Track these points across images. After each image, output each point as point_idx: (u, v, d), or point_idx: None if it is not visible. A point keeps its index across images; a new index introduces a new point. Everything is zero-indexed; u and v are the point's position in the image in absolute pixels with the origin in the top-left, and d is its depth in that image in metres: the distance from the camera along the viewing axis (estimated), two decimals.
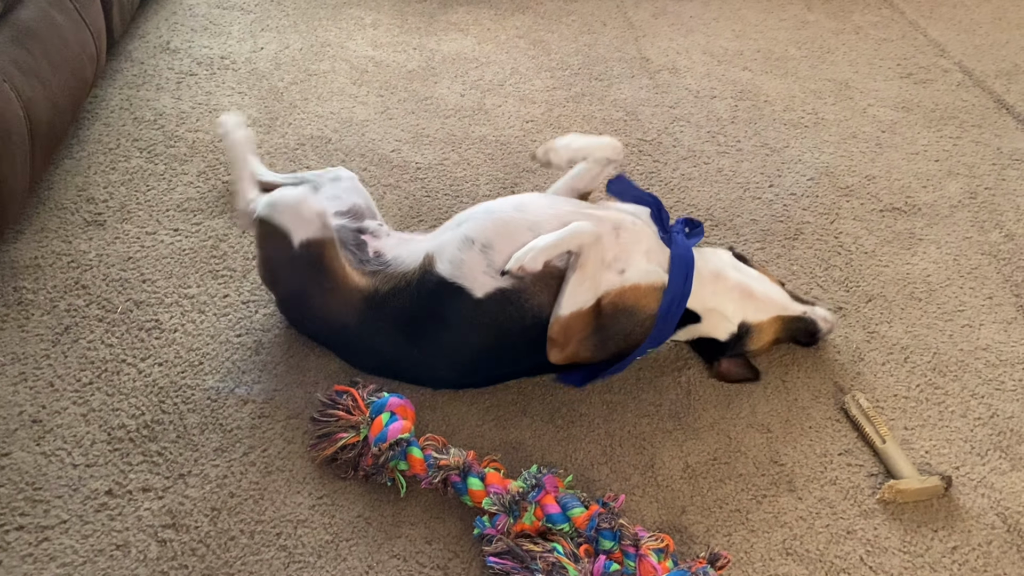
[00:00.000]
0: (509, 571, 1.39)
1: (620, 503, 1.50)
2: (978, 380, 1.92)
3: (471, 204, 2.26)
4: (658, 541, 1.43)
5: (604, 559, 1.40)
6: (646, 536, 1.44)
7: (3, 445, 1.61)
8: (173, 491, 1.56)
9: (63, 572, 1.42)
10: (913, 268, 2.22)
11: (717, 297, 1.75)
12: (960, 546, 1.59)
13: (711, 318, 1.77)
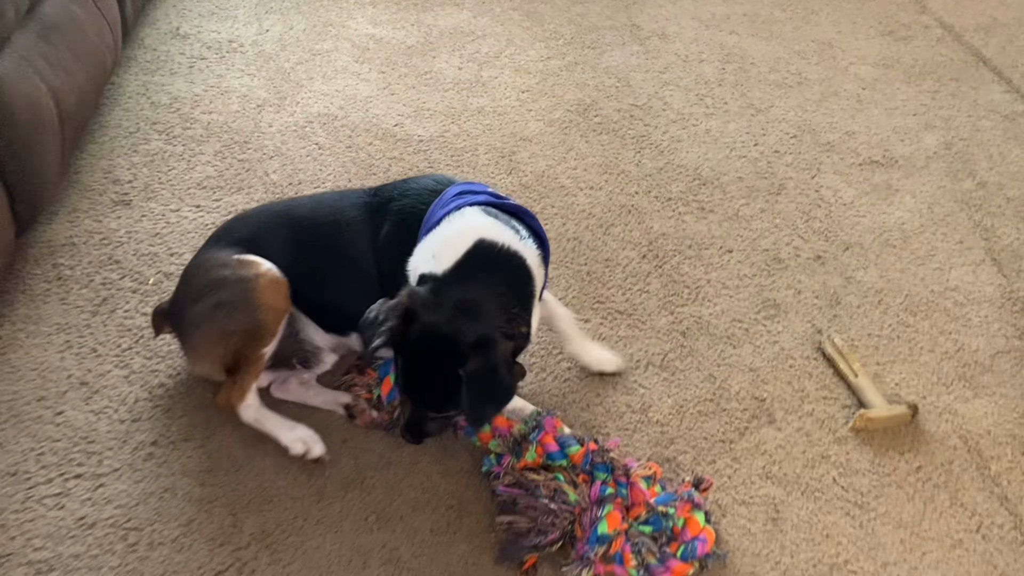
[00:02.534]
0: (516, 497, 1.56)
1: (614, 444, 1.66)
2: (946, 318, 2.07)
3: (472, 174, 2.42)
4: (646, 469, 1.60)
5: (599, 484, 1.56)
6: (636, 466, 1.61)
7: (56, 405, 1.79)
8: (212, 440, 1.73)
9: (120, 512, 1.60)
10: (889, 217, 2.36)
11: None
12: (924, 466, 1.75)
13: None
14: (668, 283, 2.13)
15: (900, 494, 1.70)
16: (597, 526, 1.51)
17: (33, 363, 1.87)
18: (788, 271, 2.18)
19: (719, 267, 2.18)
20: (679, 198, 2.39)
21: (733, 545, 1.61)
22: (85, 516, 1.61)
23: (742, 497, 1.69)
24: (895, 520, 1.66)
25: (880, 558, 1.60)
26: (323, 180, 2.38)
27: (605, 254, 2.21)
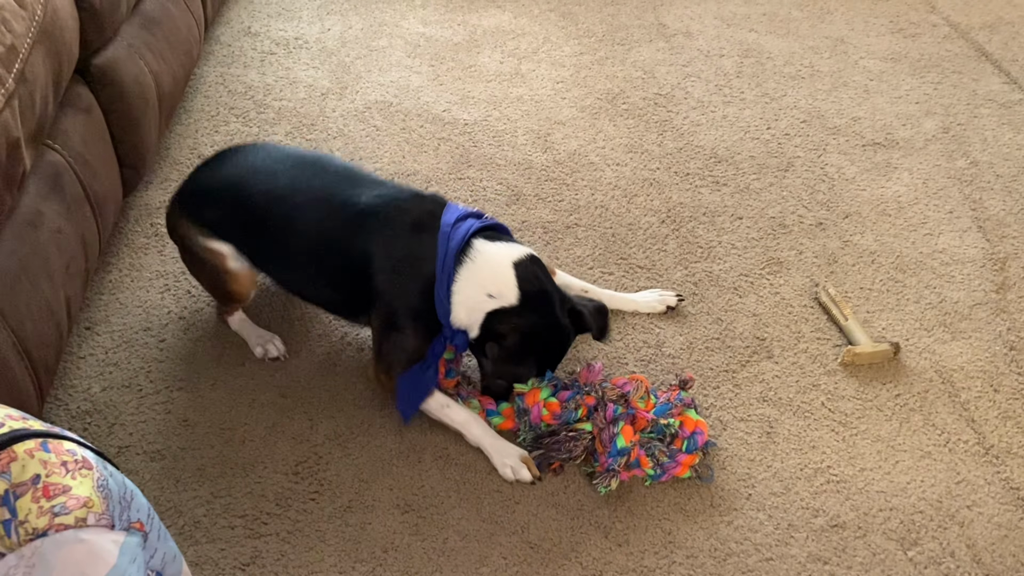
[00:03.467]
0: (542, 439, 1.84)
1: (599, 370, 1.92)
2: (932, 275, 2.33)
3: (512, 152, 2.73)
4: (638, 388, 1.86)
5: (612, 406, 1.82)
6: (628, 387, 1.87)
7: (160, 334, 2.12)
8: (291, 362, 2.05)
9: (216, 416, 1.93)
10: (886, 191, 2.62)
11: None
12: (903, 393, 2.01)
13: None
14: (683, 244, 2.42)
15: (879, 415, 1.97)
16: (616, 441, 1.79)
17: (138, 301, 2.21)
18: (792, 235, 2.45)
19: (730, 231, 2.46)
20: (696, 173, 2.68)
21: (732, 452, 1.89)
22: (188, 419, 1.94)
23: (741, 415, 1.97)
24: (873, 436, 1.92)
25: (859, 464, 1.87)
26: (380, 156, 2.71)
27: (628, 220, 2.50)
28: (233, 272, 1.98)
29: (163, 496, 1.78)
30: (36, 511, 1.02)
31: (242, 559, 1.68)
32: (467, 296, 1.82)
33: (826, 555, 1.70)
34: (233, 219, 1.96)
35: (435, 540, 1.72)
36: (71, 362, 2.05)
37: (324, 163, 2.00)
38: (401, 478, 1.83)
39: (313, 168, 1.97)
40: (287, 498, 1.79)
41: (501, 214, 2.51)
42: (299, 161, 1.99)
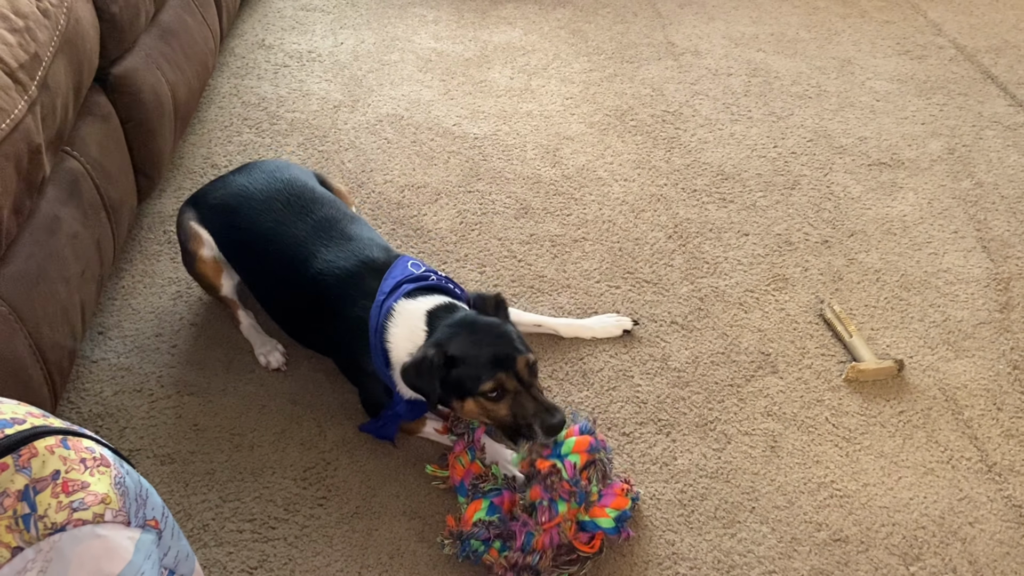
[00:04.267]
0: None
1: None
2: (937, 294, 2.34)
3: (520, 167, 2.76)
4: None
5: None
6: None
7: (171, 340, 2.15)
8: (299, 370, 2.08)
9: (226, 421, 1.96)
10: (892, 210, 2.65)
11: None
12: (906, 410, 2.03)
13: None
14: (690, 259, 2.44)
15: (883, 432, 1.98)
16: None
17: (151, 307, 2.24)
18: (797, 252, 2.47)
19: (736, 247, 2.49)
20: (703, 190, 2.71)
21: (736, 465, 1.91)
22: (198, 423, 1.96)
23: (746, 429, 1.98)
24: (877, 451, 1.94)
25: (862, 480, 1.88)
26: (391, 169, 2.74)
27: (635, 234, 2.53)
28: (203, 256, 2.08)
29: (172, 499, 1.80)
30: (55, 506, 1.04)
31: (250, 563, 1.70)
32: (398, 360, 1.80)
33: (829, 569, 1.71)
34: (224, 235, 2.08)
35: (439, 547, 1.73)
36: (84, 366, 2.07)
37: (311, 206, 2.04)
38: (408, 485, 1.85)
39: (300, 210, 2.03)
40: (295, 503, 1.80)
41: (509, 227, 2.53)
42: (291, 198, 2.05)
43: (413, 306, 1.83)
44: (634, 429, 1.99)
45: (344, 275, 1.91)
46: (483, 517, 1.66)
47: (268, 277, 2.03)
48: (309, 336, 2.06)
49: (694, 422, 2.00)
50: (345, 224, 2.02)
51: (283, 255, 1.97)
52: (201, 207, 2.11)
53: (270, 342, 2.11)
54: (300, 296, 1.96)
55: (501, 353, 1.70)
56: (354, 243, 1.97)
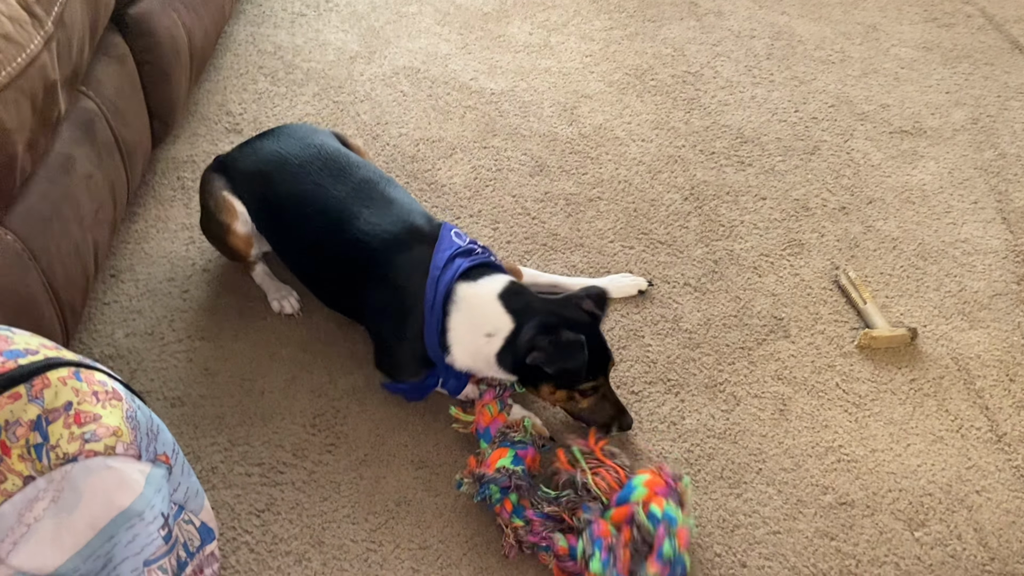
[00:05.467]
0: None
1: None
2: (953, 264, 2.32)
3: (536, 124, 2.73)
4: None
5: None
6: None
7: (183, 284, 2.15)
8: (311, 319, 2.08)
9: (237, 367, 1.96)
10: (912, 179, 2.61)
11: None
12: (918, 378, 2.02)
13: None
14: (705, 221, 2.42)
15: (893, 399, 1.98)
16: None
17: (163, 252, 2.24)
18: (814, 217, 2.45)
19: (752, 211, 2.46)
20: (721, 153, 2.68)
21: (744, 427, 1.91)
22: (209, 368, 1.97)
23: (755, 392, 1.98)
24: (886, 418, 1.93)
25: (870, 445, 1.88)
26: (406, 122, 2.72)
27: (651, 195, 2.50)
28: (236, 231, 2.02)
29: (182, 442, 1.81)
30: (67, 437, 1.04)
31: (257, 506, 1.72)
32: (466, 342, 1.80)
33: (833, 531, 1.72)
34: (257, 205, 2.02)
35: (447, 497, 1.74)
36: (96, 308, 2.08)
37: (348, 169, 1.99)
38: (416, 435, 1.85)
39: (337, 173, 1.97)
40: (304, 449, 1.82)
41: (524, 184, 2.52)
42: (327, 162, 2.00)
43: (479, 289, 1.80)
44: (643, 388, 1.99)
45: (391, 240, 1.86)
46: (507, 465, 1.67)
47: (305, 243, 1.97)
48: (344, 301, 2.01)
49: (703, 383, 2.00)
50: (384, 186, 1.98)
51: (323, 219, 1.92)
52: (233, 175, 2.04)
53: (284, 288, 2.11)
54: (340, 260, 1.91)
55: (602, 354, 1.76)
56: (396, 207, 1.93)
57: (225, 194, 2.01)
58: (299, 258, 2.03)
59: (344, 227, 1.89)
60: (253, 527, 1.69)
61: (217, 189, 2.02)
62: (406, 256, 1.84)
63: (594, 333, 1.76)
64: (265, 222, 2.02)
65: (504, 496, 1.66)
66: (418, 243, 1.86)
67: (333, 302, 2.04)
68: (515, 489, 1.66)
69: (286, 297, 2.09)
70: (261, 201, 2.00)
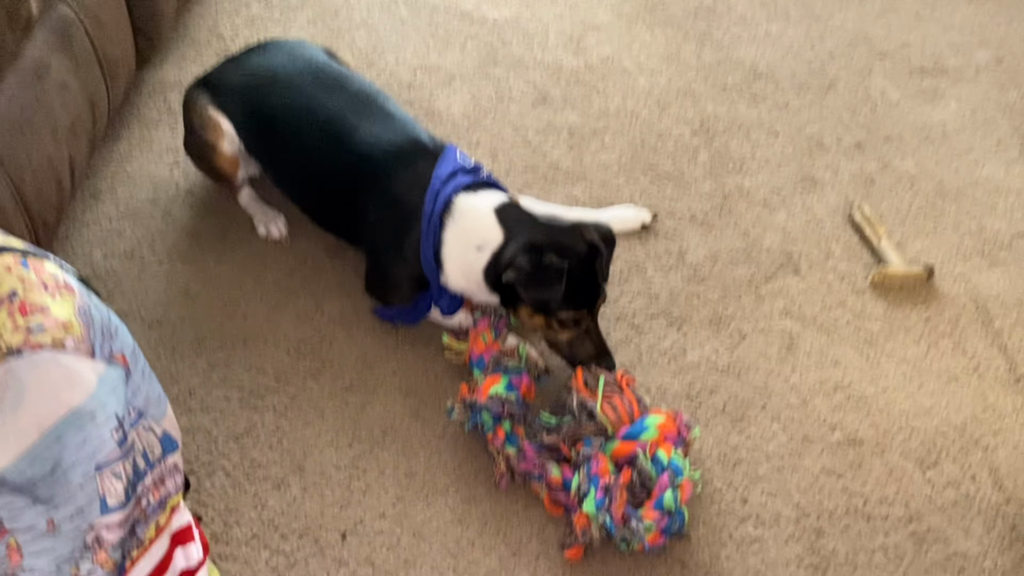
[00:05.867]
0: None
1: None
2: (973, 203, 2.21)
3: (541, 54, 2.61)
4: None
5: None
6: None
7: (166, 207, 2.06)
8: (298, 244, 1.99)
9: (220, 290, 1.87)
10: (931, 118, 2.49)
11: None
12: (933, 317, 1.92)
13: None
14: (715, 156, 2.31)
15: (907, 338, 1.88)
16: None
17: (146, 174, 2.14)
18: (829, 154, 2.34)
19: (764, 146, 2.35)
20: (734, 87, 2.55)
21: (749, 363, 1.82)
22: (190, 290, 1.88)
23: (762, 327, 1.89)
24: (900, 357, 1.84)
25: (881, 384, 1.79)
26: (404, 49, 2.60)
27: (659, 128, 2.39)
28: (223, 151, 1.92)
29: (159, 364, 1.73)
30: (11, 327, 0.96)
31: (236, 430, 1.64)
32: (458, 256, 1.70)
33: (840, 469, 1.64)
34: (247, 121, 1.91)
35: (435, 426, 1.66)
36: (74, 228, 1.99)
37: (343, 82, 1.89)
38: (405, 363, 1.77)
39: (331, 86, 1.87)
40: (287, 374, 1.73)
41: (526, 115, 2.40)
42: (319, 75, 1.89)
43: (476, 201, 1.71)
44: (644, 322, 1.89)
45: (394, 151, 1.77)
46: (500, 391, 1.58)
47: (299, 158, 1.87)
48: (339, 219, 1.90)
49: (707, 318, 1.91)
50: (382, 101, 1.88)
51: (319, 132, 1.82)
52: (219, 91, 1.93)
53: (271, 212, 2.02)
54: (337, 174, 1.81)
55: (591, 287, 1.64)
56: (397, 121, 1.84)
57: (211, 111, 1.90)
58: (292, 175, 1.92)
59: (342, 139, 1.79)
60: (230, 451, 1.61)
61: (202, 106, 1.92)
62: (409, 170, 1.74)
63: (587, 266, 1.63)
64: (255, 139, 1.91)
65: (497, 424, 1.58)
66: (421, 157, 1.76)
67: (327, 221, 1.93)
68: (508, 416, 1.58)
69: (273, 221, 2.00)
70: (250, 117, 1.90)
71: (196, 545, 1.15)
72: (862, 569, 1.50)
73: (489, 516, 1.55)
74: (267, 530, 1.51)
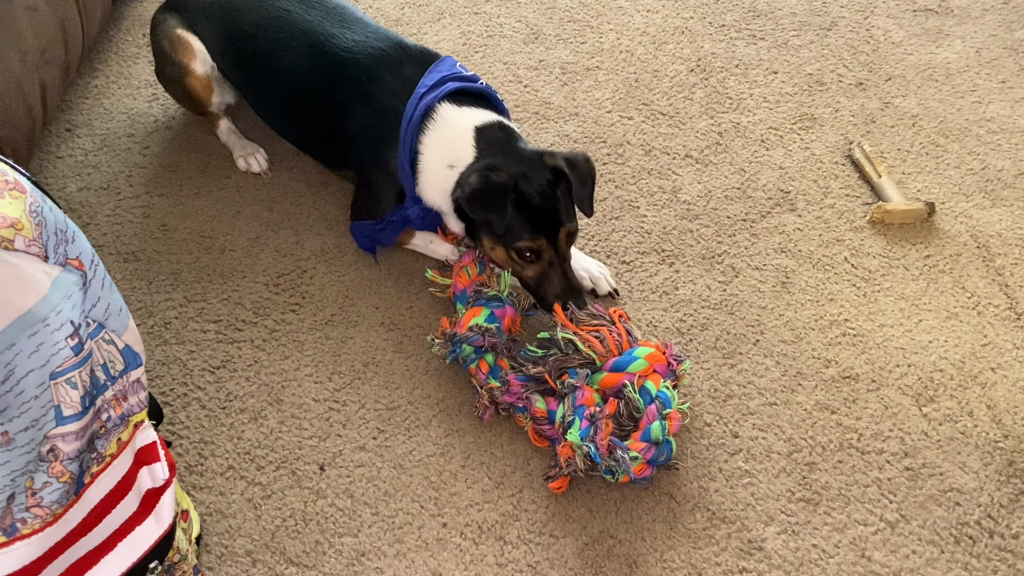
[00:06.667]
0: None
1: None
2: (977, 142, 2.15)
3: None
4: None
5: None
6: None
7: (144, 141, 1.99)
8: (279, 179, 1.92)
9: (197, 224, 1.81)
10: (935, 57, 2.42)
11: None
12: (933, 255, 1.87)
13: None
14: (712, 93, 2.24)
15: (906, 275, 1.83)
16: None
17: (124, 108, 2.07)
18: (829, 92, 2.27)
19: (763, 84, 2.28)
20: (732, 25, 2.48)
21: (742, 298, 1.76)
22: (167, 224, 1.82)
23: (756, 264, 1.83)
24: (897, 293, 1.79)
25: (878, 320, 1.74)
26: None
27: (654, 66, 2.32)
28: (194, 71, 1.85)
29: (134, 296, 1.68)
30: None
31: (212, 362, 1.59)
32: (432, 170, 1.63)
33: (835, 405, 1.59)
34: (220, 41, 1.85)
35: (418, 359, 1.62)
36: (48, 160, 1.93)
37: None
38: (388, 298, 1.72)
39: (306, 1, 1.81)
40: (265, 307, 1.68)
41: (517, 51, 2.33)
42: None
43: (460, 115, 1.63)
44: (635, 258, 1.84)
45: (378, 55, 1.70)
46: (480, 322, 1.53)
47: (278, 74, 1.79)
48: (325, 138, 1.81)
49: (700, 254, 1.85)
50: (359, 13, 1.82)
51: (298, 43, 1.74)
52: (187, 12, 1.87)
53: (250, 145, 1.95)
54: (320, 84, 1.72)
55: (549, 216, 1.55)
56: (380, 29, 1.77)
57: (180, 31, 1.84)
58: (272, 94, 1.84)
59: (324, 47, 1.72)
60: (206, 383, 1.56)
61: (171, 28, 1.85)
62: (395, 74, 1.67)
63: (547, 192, 1.55)
64: (231, 58, 1.85)
65: (479, 356, 1.53)
66: (408, 62, 1.69)
67: (309, 141, 1.86)
68: (490, 348, 1.52)
69: (252, 155, 1.93)
70: (224, 37, 1.83)
71: (162, 465, 1.10)
72: (855, 503, 1.46)
73: (472, 448, 1.50)
74: (243, 461, 1.47)
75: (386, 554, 1.38)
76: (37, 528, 0.97)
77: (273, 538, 1.38)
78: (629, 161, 2.04)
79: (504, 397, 1.49)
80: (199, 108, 1.91)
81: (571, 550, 1.39)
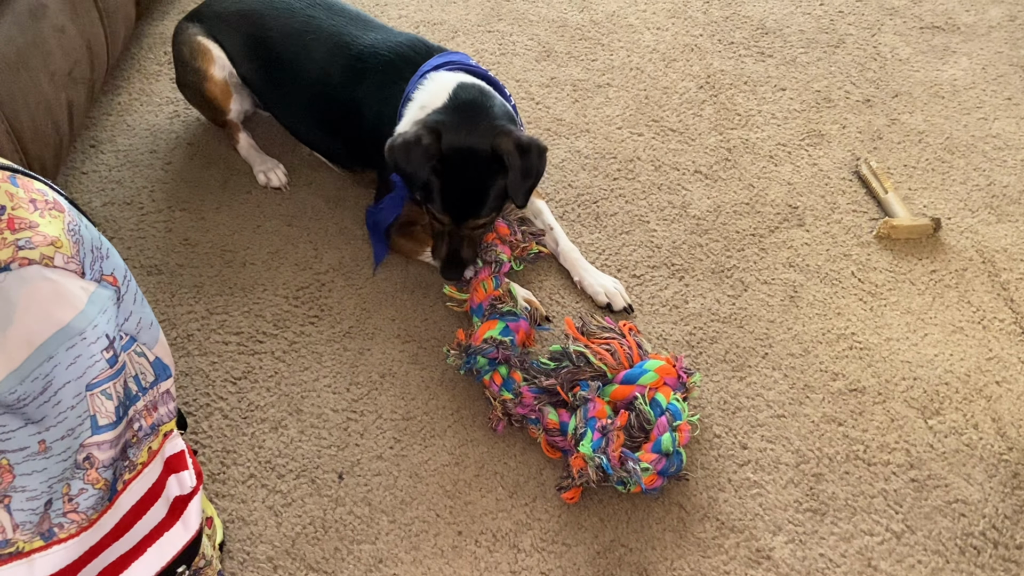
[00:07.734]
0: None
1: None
2: (983, 158, 2.18)
3: (546, 10, 2.57)
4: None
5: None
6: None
7: (166, 157, 2.04)
8: (298, 193, 1.97)
9: (218, 238, 1.86)
10: (942, 74, 2.46)
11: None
12: (939, 270, 1.90)
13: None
14: (721, 110, 2.28)
15: (912, 289, 1.86)
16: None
17: (147, 125, 2.13)
18: (836, 109, 2.31)
19: (771, 101, 2.32)
20: (741, 43, 2.52)
21: (751, 312, 1.80)
22: (189, 238, 1.87)
23: (764, 278, 1.86)
24: (904, 308, 1.82)
25: (885, 334, 1.77)
26: (406, 4, 2.57)
27: (664, 83, 2.36)
28: (213, 76, 1.93)
29: (157, 309, 1.73)
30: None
31: (234, 373, 1.63)
32: (408, 117, 1.68)
33: (842, 417, 1.62)
34: (242, 48, 1.93)
35: (433, 370, 1.65)
36: (73, 176, 1.98)
37: (340, 5, 1.93)
38: (404, 310, 1.76)
39: (329, 8, 1.90)
40: (285, 320, 1.73)
41: (529, 69, 2.38)
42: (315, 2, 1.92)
43: (449, 76, 1.70)
44: (645, 272, 1.88)
45: (399, 50, 1.79)
46: (495, 335, 1.57)
47: (302, 79, 1.86)
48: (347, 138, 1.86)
49: (710, 268, 1.89)
50: (381, 22, 1.91)
51: (323, 45, 1.83)
52: (208, 21, 1.95)
53: (270, 160, 2.00)
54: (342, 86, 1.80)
55: (462, 201, 1.61)
56: (400, 32, 1.87)
57: (200, 38, 1.92)
58: (296, 96, 1.91)
59: (348, 46, 1.81)
60: (228, 394, 1.61)
61: (191, 35, 1.94)
62: (413, 67, 1.75)
63: (475, 174, 1.57)
64: (254, 64, 1.92)
65: (493, 368, 1.56)
66: (426, 59, 1.77)
67: (331, 139, 1.90)
68: (504, 361, 1.56)
69: (272, 170, 1.99)
70: (248, 42, 1.91)
71: (190, 473, 1.14)
72: (861, 513, 1.49)
73: (486, 458, 1.54)
74: (264, 470, 1.51)
75: (403, 561, 1.41)
76: (73, 533, 1.02)
77: (294, 544, 1.42)
78: (639, 176, 2.08)
79: (517, 409, 1.53)
80: (218, 116, 1.97)
81: (583, 558, 1.43)
